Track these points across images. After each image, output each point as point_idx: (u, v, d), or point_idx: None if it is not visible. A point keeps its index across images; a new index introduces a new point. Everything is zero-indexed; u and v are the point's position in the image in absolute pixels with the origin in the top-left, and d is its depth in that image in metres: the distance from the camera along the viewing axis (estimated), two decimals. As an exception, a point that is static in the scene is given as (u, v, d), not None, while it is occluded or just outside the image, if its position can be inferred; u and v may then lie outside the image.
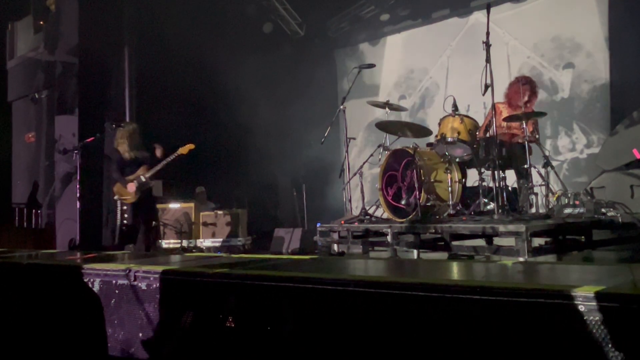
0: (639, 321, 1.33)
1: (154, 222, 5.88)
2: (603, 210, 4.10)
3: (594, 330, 1.40)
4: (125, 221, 6.03)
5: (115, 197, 5.80)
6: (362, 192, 5.57)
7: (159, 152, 5.62)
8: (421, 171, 4.51)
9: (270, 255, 5.07)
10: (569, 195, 4.25)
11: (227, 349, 2.22)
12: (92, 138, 6.64)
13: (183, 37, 7.55)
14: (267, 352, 2.08)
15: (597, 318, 1.40)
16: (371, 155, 5.47)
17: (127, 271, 2.60)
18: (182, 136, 8.16)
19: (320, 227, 5.24)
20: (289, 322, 2.02)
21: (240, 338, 2.18)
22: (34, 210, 8.45)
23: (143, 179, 5.52)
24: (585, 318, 1.41)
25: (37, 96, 8.72)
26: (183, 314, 2.39)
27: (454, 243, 4.02)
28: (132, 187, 5.51)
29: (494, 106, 4.30)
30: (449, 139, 4.51)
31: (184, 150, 5.68)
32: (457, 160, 4.68)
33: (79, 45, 7.48)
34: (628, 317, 1.35)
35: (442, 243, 4.10)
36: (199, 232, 7.45)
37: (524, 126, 4.46)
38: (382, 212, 5.15)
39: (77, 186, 6.46)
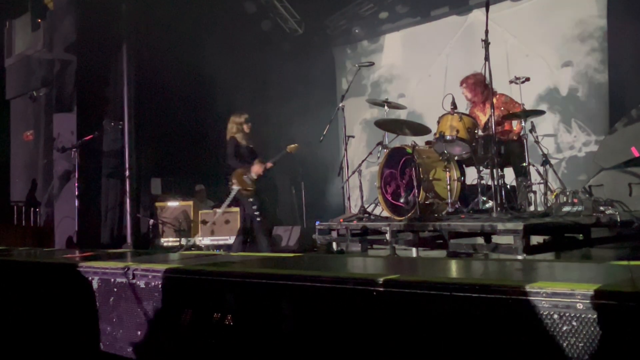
0: (636, 319, 1.33)
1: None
2: (601, 208, 4.10)
3: (592, 328, 1.40)
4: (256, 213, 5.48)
5: (235, 187, 5.43)
6: (360, 190, 5.57)
7: (269, 165, 5.50)
8: (420, 169, 4.51)
9: (269, 253, 5.07)
10: (568, 193, 4.26)
11: (226, 347, 2.22)
12: (90, 136, 6.63)
13: (181, 35, 7.54)
14: (266, 349, 2.09)
15: (595, 316, 1.40)
16: (370, 153, 5.47)
17: (126, 269, 2.60)
18: (181, 134, 8.20)
19: (319, 225, 5.24)
20: (288, 320, 2.02)
21: (239, 336, 2.18)
22: (32, 209, 8.44)
23: (262, 171, 5.43)
24: (583, 316, 1.42)
25: (35, 94, 8.70)
26: (182, 312, 2.40)
27: (453, 241, 4.02)
28: (257, 171, 5.39)
29: (492, 105, 4.29)
30: (448, 137, 4.51)
31: (291, 149, 5.60)
32: (456, 158, 4.68)
33: (77, 43, 7.46)
34: (626, 315, 1.35)
35: (441, 241, 4.11)
36: (198, 231, 7.45)
37: (523, 124, 4.47)
38: (381, 210, 5.15)
39: (76, 184, 6.45)
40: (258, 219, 5.43)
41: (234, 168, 5.49)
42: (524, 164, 4.47)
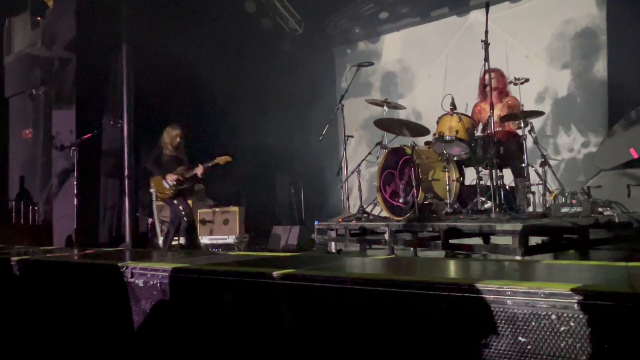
0: (634, 320, 1.33)
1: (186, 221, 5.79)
2: (600, 209, 4.11)
3: (590, 329, 1.40)
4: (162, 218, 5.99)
5: (152, 191, 5.86)
6: (359, 190, 5.57)
7: (199, 171, 5.70)
8: (419, 169, 4.51)
9: (268, 252, 5.07)
10: (566, 194, 4.26)
11: (225, 346, 2.22)
12: (89, 135, 6.62)
13: (181, 34, 7.53)
14: (265, 349, 2.09)
15: (592, 317, 1.40)
16: (369, 153, 5.47)
17: (124, 268, 2.59)
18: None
19: (318, 225, 5.24)
20: (287, 320, 2.03)
21: (237, 335, 2.18)
22: (30, 207, 8.43)
23: (182, 178, 5.65)
24: (580, 316, 1.42)
25: (34, 92, 8.70)
26: (180, 311, 2.40)
27: (451, 241, 4.02)
28: (172, 178, 5.60)
29: (492, 105, 4.29)
30: (447, 138, 4.51)
31: (220, 160, 5.71)
32: (455, 158, 4.68)
33: (76, 41, 7.45)
34: (623, 316, 1.35)
35: (439, 241, 4.10)
36: (197, 230, 7.43)
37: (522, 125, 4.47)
38: (380, 211, 5.16)
39: (75, 183, 6.45)
40: (179, 219, 5.73)
41: (153, 173, 5.77)
42: (523, 165, 4.47)
